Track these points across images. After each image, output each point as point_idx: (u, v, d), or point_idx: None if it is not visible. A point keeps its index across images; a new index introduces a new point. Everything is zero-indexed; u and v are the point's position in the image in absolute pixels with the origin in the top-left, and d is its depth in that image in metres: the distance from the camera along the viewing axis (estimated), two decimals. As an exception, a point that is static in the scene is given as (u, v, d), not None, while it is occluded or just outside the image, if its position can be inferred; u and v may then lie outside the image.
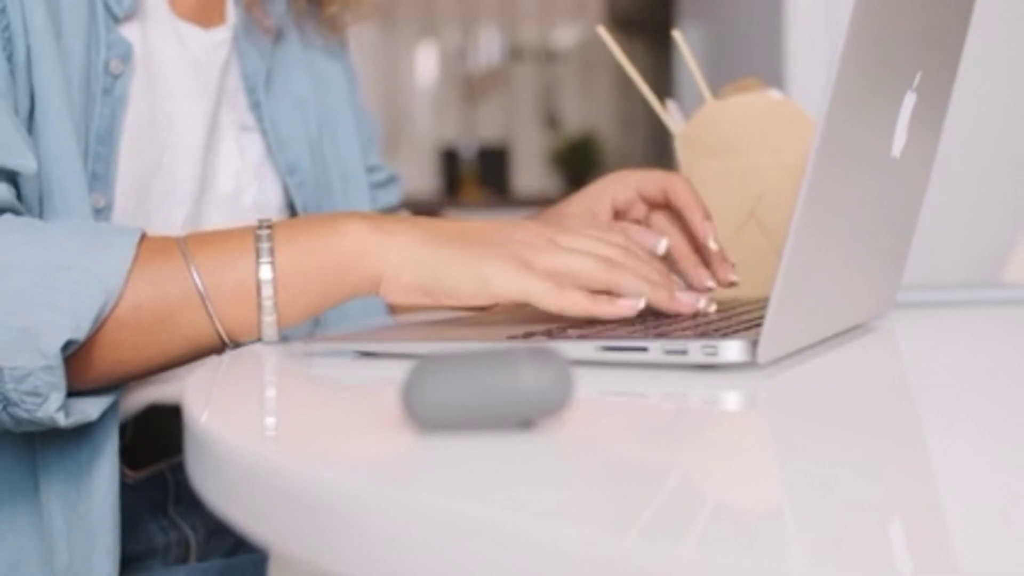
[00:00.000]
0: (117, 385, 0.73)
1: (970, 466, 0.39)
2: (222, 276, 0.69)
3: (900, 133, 0.66)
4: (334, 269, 0.70)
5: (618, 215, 0.89)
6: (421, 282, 0.69)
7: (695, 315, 0.71)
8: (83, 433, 0.75)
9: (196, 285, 0.69)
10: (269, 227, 0.70)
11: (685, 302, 0.70)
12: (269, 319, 0.70)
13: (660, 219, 0.88)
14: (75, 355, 0.67)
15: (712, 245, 0.83)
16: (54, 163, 0.75)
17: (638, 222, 0.88)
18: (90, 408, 0.71)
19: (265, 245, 0.69)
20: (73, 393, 0.69)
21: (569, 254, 0.70)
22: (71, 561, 0.75)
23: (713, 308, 0.72)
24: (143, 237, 0.69)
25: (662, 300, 0.69)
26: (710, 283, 0.82)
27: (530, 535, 0.30)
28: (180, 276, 0.69)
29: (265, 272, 0.69)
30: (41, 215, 0.75)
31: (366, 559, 0.34)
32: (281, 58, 1.00)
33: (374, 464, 0.42)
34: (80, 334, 0.65)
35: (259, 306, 0.69)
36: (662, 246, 0.79)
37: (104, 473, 0.75)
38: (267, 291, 0.69)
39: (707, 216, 0.84)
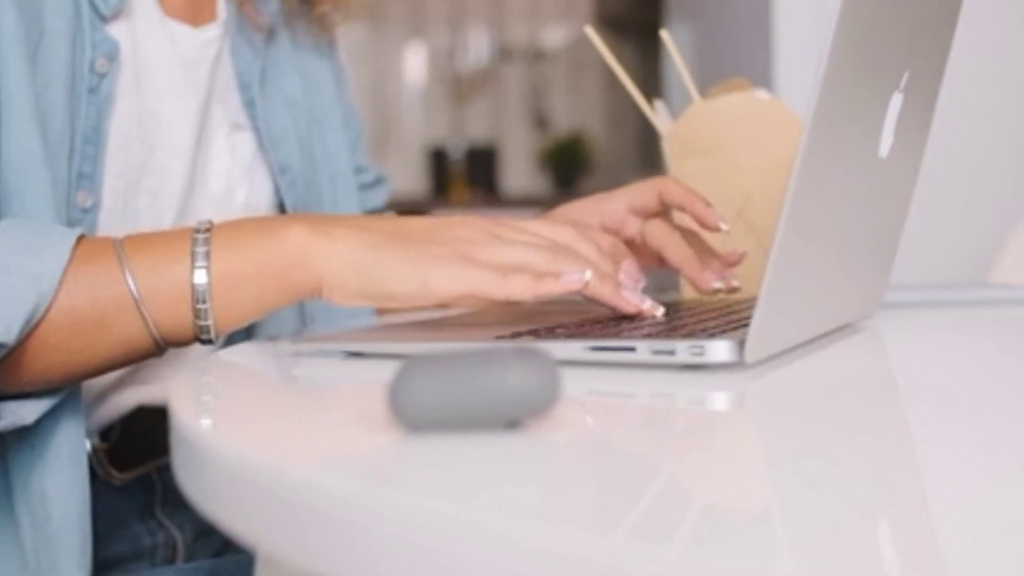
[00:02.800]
0: (56, 389, 0.72)
1: (957, 464, 0.39)
2: (157, 280, 0.68)
3: (887, 133, 0.66)
4: (273, 274, 0.69)
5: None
6: (363, 287, 0.68)
7: (639, 316, 0.70)
8: (45, 438, 0.74)
9: (130, 289, 0.67)
10: (207, 230, 0.69)
11: (630, 300, 0.69)
12: (205, 323, 0.68)
13: (657, 226, 0.85)
14: (6, 358, 0.66)
15: (724, 227, 0.81)
16: (13, 167, 0.74)
17: (631, 240, 0.87)
18: (24, 411, 0.70)
19: (201, 249, 0.68)
20: (7, 396, 0.68)
21: (511, 246, 0.69)
22: (38, 564, 0.74)
23: (661, 312, 0.70)
24: (80, 239, 0.68)
25: (607, 293, 0.68)
26: (717, 284, 0.81)
27: (516, 536, 0.30)
28: (114, 279, 0.67)
29: (199, 276, 0.68)
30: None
31: (352, 560, 0.34)
32: (273, 57, 1.00)
33: (360, 465, 0.42)
34: (10, 338, 0.64)
35: (193, 310, 0.68)
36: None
37: (65, 478, 0.74)
38: (201, 296, 0.68)
39: (708, 204, 0.83)
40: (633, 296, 0.69)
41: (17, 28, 0.74)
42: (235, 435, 0.47)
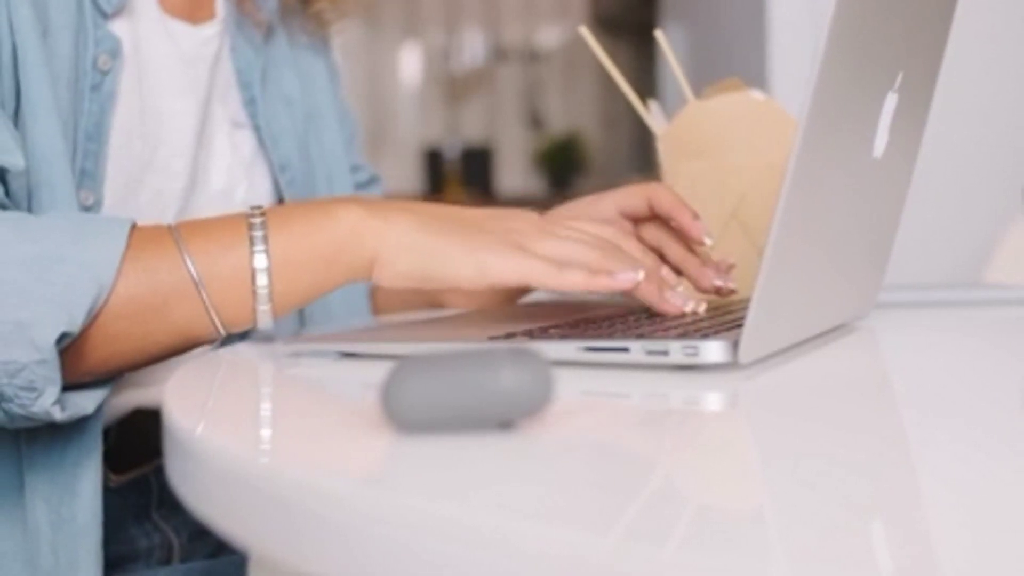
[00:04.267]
0: (110, 378, 0.72)
1: (953, 465, 0.39)
2: (216, 265, 0.68)
3: (882, 133, 0.66)
4: (329, 255, 0.69)
5: None
6: (417, 267, 0.69)
7: (682, 315, 0.71)
8: (69, 434, 0.74)
9: (190, 274, 0.68)
10: (262, 214, 0.69)
11: (674, 303, 0.70)
12: (264, 308, 0.69)
13: (651, 230, 0.85)
14: (69, 348, 0.66)
15: (708, 240, 0.82)
16: (42, 160, 0.74)
17: None
18: (85, 402, 0.70)
19: (259, 233, 0.68)
20: (67, 387, 0.68)
21: (565, 241, 0.70)
22: (56, 564, 0.74)
23: (703, 308, 0.72)
24: (134, 226, 0.69)
25: (653, 295, 0.69)
26: (719, 281, 0.81)
27: (510, 537, 0.30)
28: (174, 265, 0.68)
29: (260, 260, 0.68)
30: (30, 212, 0.74)
31: (345, 561, 0.34)
32: (271, 55, 1.00)
33: (354, 466, 0.41)
34: (74, 327, 0.64)
35: (254, 294, 0.68)
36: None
37: (89, 476, 0.75)
38: (262, 279, 0.68)
39: (696, 216, 0.83)
40: (676, 297, 0.70)
41: (33, 23, 0.74)
42: (228, 436, 0.47)
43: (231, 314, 0.69)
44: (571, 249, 0.69)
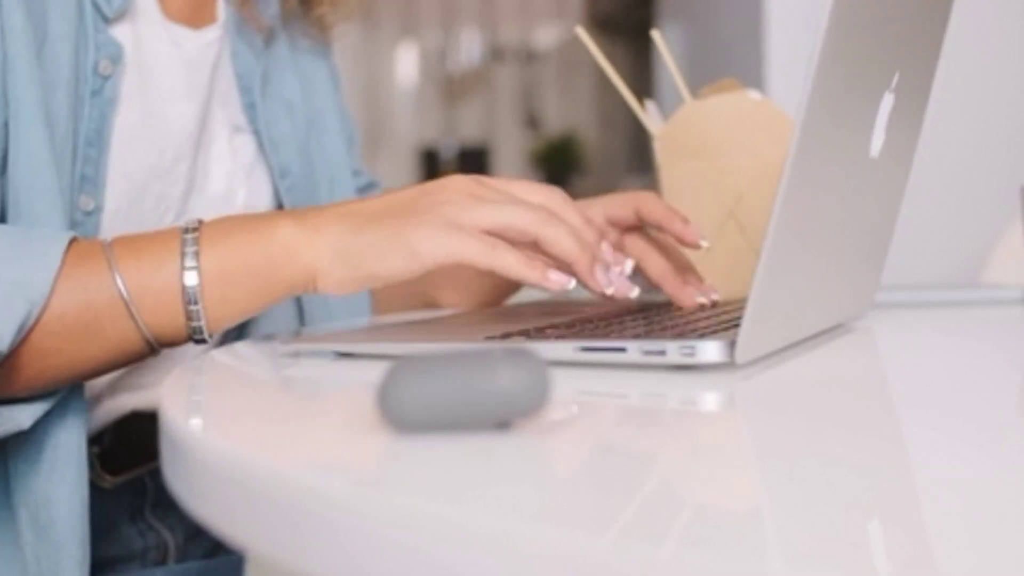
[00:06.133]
0: (52, 392, 0.71)
1: (950, 464, 0.39)
2: (147, 282, 0.68)
3: (878, 133, 0.66)
4: (263, 271, 0.69)
5: None
6: (353, 271, 0.68)
7: (611, 300, 0.70)
8: (47, 443, 0.74)
9: (120, 292, 0.67)
10: (195, 229, 0.69)
11: (600, 280, 0.68)
12: (197, 324, 0.68)
13: (636, 242, 0.84)
14: (1, 365, 0.66)
15: (704, 244, 0.81)
16: (24, 169, 0.74)
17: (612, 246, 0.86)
18: (21, 416, 0.69)
19: (190, 249, 0.68)
20: (2, 402, 0.68)
21: (498, 208, 0.68)
22: (39, 570, 0.74)
23: (635, 293, 0.70)
24: (72, 242, 0.68)
25: (583, 266, 0.68)
26: (701, 299, 0.80)
27: (507, 537, 0.30)
28: (105, 283, 0.67)
29: (190, 278, 0.68)
30: (9, 221, 0.74)
31: (342, 561, 0.34)
32: (272, 59, 1.00)
33: (350, 466, 0.41)
34: (3, 346, 0.63)
35: (185, 311, 0.68)
36: (628, 266, 0.77)
37: (67, 482, 0.74)
38: (192, 296, 0.68)
39: (686, 221, 0.82)
40: (603, 275, 0.69)
41: (24, 29, 0.74)
42: (224, 437, 0.47)
43: (164, 330, 0.69)
44: (504, 216, 0.68)
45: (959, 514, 0.32)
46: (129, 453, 0.91)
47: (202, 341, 0.70)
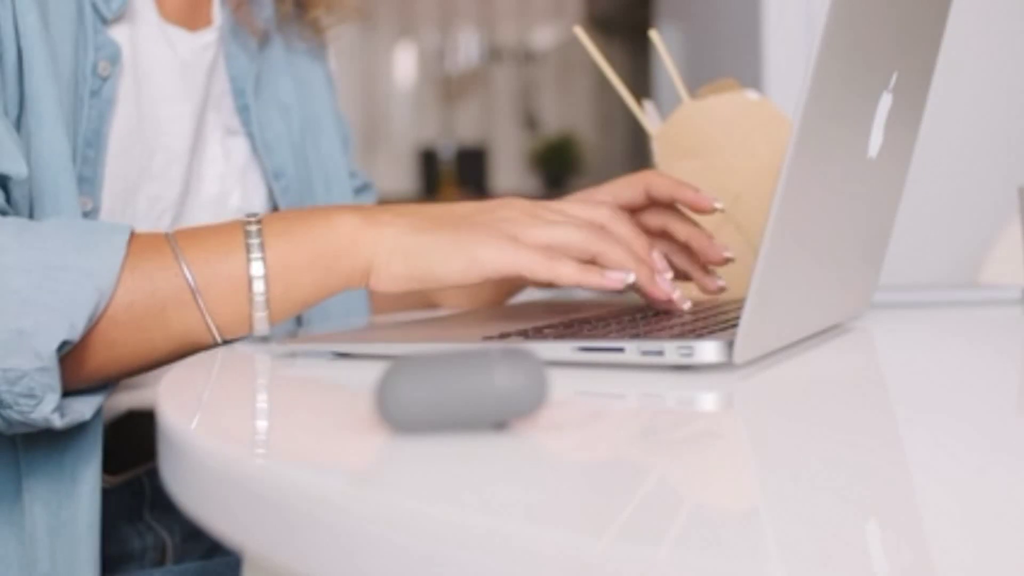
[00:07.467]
0: (108, 384, 0.72)
1: (948, 464, 0.39)
2: (213, 272, 0.69)
3: (876, 134, 0.66)
4: (325, 262, 0.70)
5: None
6: (410, 269, 0.69)
7: (668, 309, 0.71)
8: (68, 438, 0.74)
9: (187, 281, 0.68)
10: (258, 222, 0.70)
11: (663, 288, 0.70)
12: (261, 314, 0.70)
13: (652, 214, 0.84)
14: (68, 355, 0.66)
15: (718, 205, 0.81)
16: (46, 167, 0.74)
17: None
18: (84, 408, 0.70)
19: (255, 240, 0.69)
20: (65, 393, 0.68)
21: (555, 227, 0.70)
22: (52, 568, 0.74)
23: (688, 305, 0.72)
24: (133, 234, 0.69)
25: (643, 277, 0.69)
26: (722, 282, 0.81)
27: (504, 538, 0.30)
28: (171, 273, 0.68)
29: (256, 268, 0.69)
30: (32, 218, 0.74)
31: (339, 561, 0.34)
32: (267, 63, 1.00)
33: (347, 466, 0.41)
34: (75, 334, 0.64)
35: (251, 301, 0.69)
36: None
37: (88, 479, 0.75)
38: (258, 287, 0.69)
39: (696, 188, 0.82)
40: (666, 284, 0.71)
41: (39, 28, 0.74)
42: (221, 437, 0.47)
43: (228, 321, 0.70)
44: (561, 234, 0.69)
45: (958, 514, 0.32)
46: (127, 453, 0.91)
47: (262, 333, 0.70)
